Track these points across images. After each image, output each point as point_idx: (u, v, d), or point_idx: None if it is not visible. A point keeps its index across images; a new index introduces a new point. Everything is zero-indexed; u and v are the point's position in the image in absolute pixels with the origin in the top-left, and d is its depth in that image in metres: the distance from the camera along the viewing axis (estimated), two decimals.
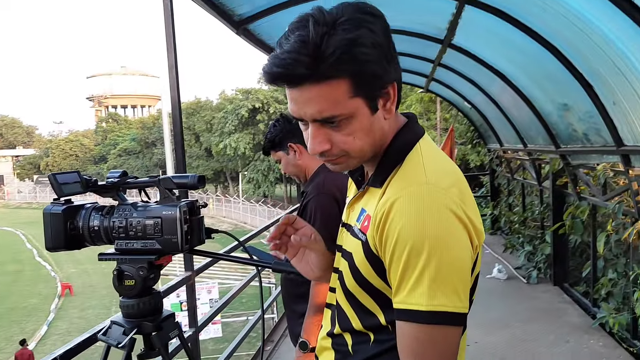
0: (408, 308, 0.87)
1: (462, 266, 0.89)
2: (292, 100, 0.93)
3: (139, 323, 1.44)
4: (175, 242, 1.38)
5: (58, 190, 1.35)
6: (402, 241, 0.87)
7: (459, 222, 0.89)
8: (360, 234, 1.00)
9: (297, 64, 0.86)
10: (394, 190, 0.93)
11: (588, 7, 2.99)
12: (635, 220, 3.98)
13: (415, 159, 0.98)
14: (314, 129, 0.95)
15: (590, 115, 4.02)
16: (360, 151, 0.97)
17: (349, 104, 0.90)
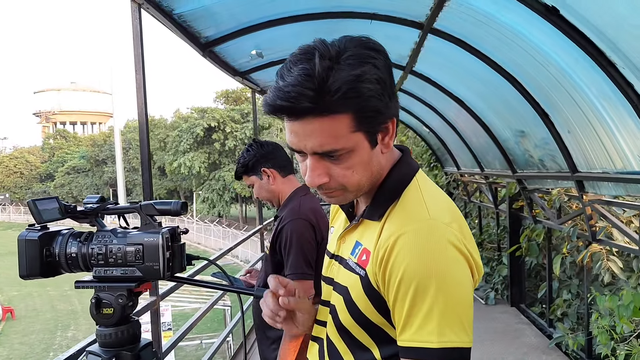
0: (418, 346, 0.86)
1: (467, 301, 0.89)
2: (292, 133, 0.92)
3: (117, 353, 1.39)
4: (157, 269, 1.35)
5: (38, 217, 1.30)
6: (407, 279, 0.87)
7: (461, 257, 0.90)
8: (358, 268, 0.99)
9: (302, 98, 0.85)
10: (397, 225, 0.93)
11: (546, 40, 3.14)
12: (589, 243, 4.16)
13: (415, 194, 0.99)
14: (314, 162, 0.93)
15: (546, 142, 4.19)
16: (358, 185, 0.96)
17: (350, 138, 0.90)
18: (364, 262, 0.98)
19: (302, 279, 1.98)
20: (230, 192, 37.77)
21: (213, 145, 38.01)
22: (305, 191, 2.24)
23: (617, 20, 2.45)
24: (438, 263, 0.87)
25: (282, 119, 0.93)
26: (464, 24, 3.60)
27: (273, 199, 2.24)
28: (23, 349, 17.30)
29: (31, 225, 1.38)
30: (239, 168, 2.27)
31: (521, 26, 3.19)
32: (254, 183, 2.25)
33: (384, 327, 0.96)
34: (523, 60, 3.60)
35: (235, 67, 4.89)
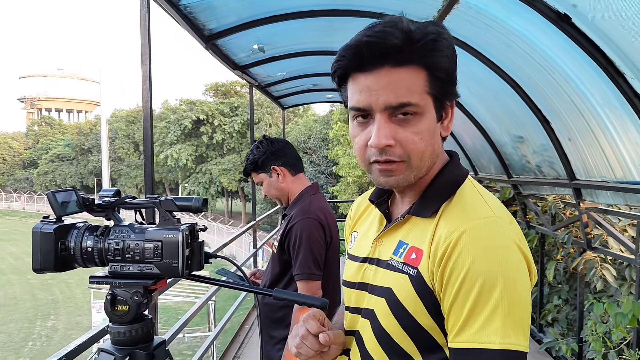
0: (478, 347, 0.81)
1: (528, 303, 0.86)
2: (363, 89, 0.91)
3: (131, 351, 1.36)
4: (175, 267, 1.31)
5: (58, 210, 1.26)
6: (473, 276, 0.83)
7: (522, 257, 0.87)
8: (406, 267, 0.94)
9: (390, 36, 0.87)
10: (458, 221, 0.89)
11: (553, 47, 3.14)
12: (583, 250, 4.19)
13: (472, 192, 0.96)
14: (382, 121, 0.90)
15: (545, 149, 4.21)
16: (421, 159, 0.92)
17: (423, 97, 0.90)
18: (414, 261, 0.93)
19: (310, 280, 1.96)
20: (217, 186, 37.58)
21: (201, 138, 37.78)
22: (314, 190, 2.21)
23: (631, 31, 2.45)
24: (504, 261, 0.84)
25: (343, 82, 0.96)
26: (471, 27, 3.59)
27: (282, 197, 2.21)
28: (1, 338, 17.04)
29: (45, 217, 1.33)
30: (248, 165, 2.23)
31: (529, 32, 3.19)
32: (263, 181, 2.22)
33: (432, 331, 0.91)
34: (528, 66, 3.60)
35: (236, 60, 4.85)
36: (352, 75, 0.93)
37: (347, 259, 1.17)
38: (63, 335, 17.14)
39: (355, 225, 1.23)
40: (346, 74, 0.95)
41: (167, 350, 1.45)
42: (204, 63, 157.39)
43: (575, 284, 4.68)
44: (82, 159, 48.33)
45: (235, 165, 36.78)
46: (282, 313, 2.12)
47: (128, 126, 44.90)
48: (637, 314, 2.87)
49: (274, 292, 1.42)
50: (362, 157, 0.96)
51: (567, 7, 2.65)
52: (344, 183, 18.89)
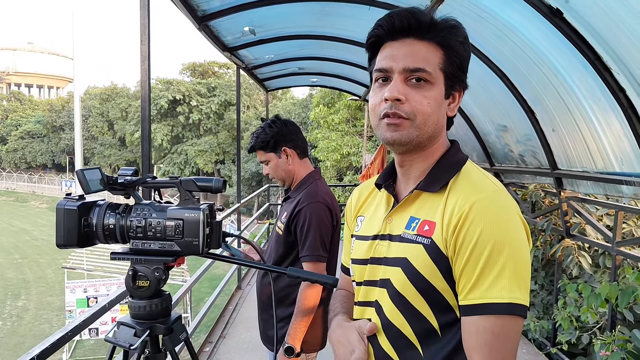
0: (489, 302, 0.94)
1: (529, 265, 0.99)
2: (389, 55, 1.07)
3: (151, 325, 1.40)
4: (196, 245, 1.36)
5: (86, 187, 1.29)
6: (483, 241, 0.95)
7: (522, 226, 1.00)
8: (420, 237, 1.05)
9: (419, 14, 1.05)
10: (467, 194, 1.01)
11: (543, 40, 3.23)
12: (561, 237, 4.35)
13: (474, 170, 1.09)
14: (398, 81, 1.05)
15: (528, 139, 4.33)
16: (425, 122, 1.05)
17: (437, 71, 1.05)
18: (427, 232, 1.04)
19: (317, 261, 2.02)
20: (192, 167, 37.24)
21: (177, 118, 37.31)
22: (318, 175, 2.26)
23: (621, 28, 2.55)
24: (510, 228, 0.96)
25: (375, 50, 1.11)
26: (462, 17, 3.60)
27: (287, 179, 2.24)
28: None
29: (68, 195, 1.36)
30: (258, 143, 2.21)
31: (521, 24, 3.27)
32: (270, 160, 2.22)
33: (445, 293, 1.02)
34: (516, 58, 3.69)
35: (226, 42, 4.83)
36: (383, 45, 1.09)
37: (356, 240, 1.26)
38: (34, 315, 16.89)
39: (360, 211, 1.32)
40: (377, 44, 1.11)
41: (183, 325, 1.50)
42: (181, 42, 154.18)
43: (551, 270, 4.85)
44: (54, 136, 47.21)
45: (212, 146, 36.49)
46: (286, 292, 2.18)
47: (102, 104, 44.02)
48: (610, 296, 3.01)
49: (288, 270, 1.49)
50: (375, 113, 1.09)
51: (559, 3, 2.74)
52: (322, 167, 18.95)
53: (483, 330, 0.94)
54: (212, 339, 4.51)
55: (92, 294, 13.22)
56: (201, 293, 14.93)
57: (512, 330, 0.94)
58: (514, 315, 0.93)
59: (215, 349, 4.36)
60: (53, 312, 16.85)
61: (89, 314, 2.11)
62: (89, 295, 13.23)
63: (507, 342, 0.94)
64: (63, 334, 1.87)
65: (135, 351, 1.36)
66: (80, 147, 27.60)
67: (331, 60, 6.48)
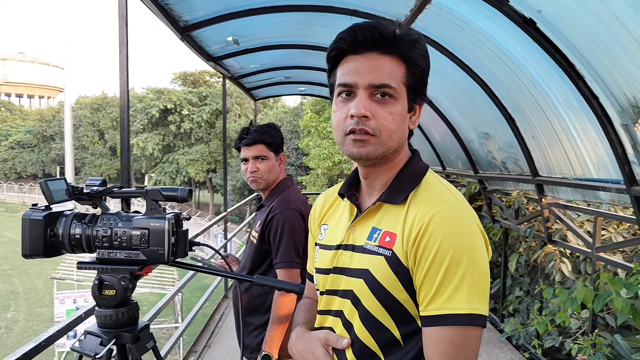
0: (448, 313, 0.96)
1: (488, 275, 1.01)
2: (352, 69, 1.07)
3: (117, 333, 1.41)
4: (161, 254, 1.37)
5: (49, 197, 1.30)
6: (442, 252, 0.97)
7: (482, 237, 1.03)
8: (381, 249, 1.07)
9: (382, 27, 1.06)
10: (428, 206, 1.03)
11: (520, 49, 3.28)
12: (544, 244, 4.38)
13: (435, 181, 1.12)
14: (363, 97, 1.06)
15: (510, 146, 4.38)
16: (390, 137, 1.07)
17: (400, 86, 1.07)
18: (388, 244, 1.06)
19: (291, 268, 2.03)
20: (183, 176, 37.14)
21: (168, 127, 37.20)
22: (291, 182, 2.29)
23: (590, 37, 2.60)
24: (468, 240, 0.98)
25: (335, 62, 1.11)
26: (442, 27, 3.71)
27: (270, 183, 2.26)
28: None
29: (34, 205, 1.37)
30: (267, 137, 2.21)
31: (497, 34, 3.32)
32: (269, 159, 2.23)
33: (406, 304, 1.04)
34: (495, 66, 3.74)
35: (210, 52, 4.86)
36: (345, 58, 1.10)
37: (320, 249, 1.27)
38: (23, 327, 16.73)
39: (323, 219, 1.33)
40: (340, 56, 1.11)
41: (150, 333, 1.51)
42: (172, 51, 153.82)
43: (536, 276, 4.89)
44: (44, 146, 46.95)
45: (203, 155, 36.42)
46: (260, 300, 2.19)
47: (93, 114, 43.85)
48: (586, 300, 3.04)
49: (254, 278, 1.50)
50: (340, 129, 1.09)
51: (532, 12, 2.79)
52: (314, 175, 18.97)
53: (443, 340, 0.97)
54: (196, 349, 4.50)
55: (82, 304, 13.11)
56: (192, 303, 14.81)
57: (471, 340, 0.97)
58: (473, 325, 0.96)
59: (200, 358, 4.35)
60: (43, 323, 16.68)
61: (63, 324, 2.11)
62: (79, 305, 13.14)
63: (466, 351, 0.97)
64: (35, 344, 1.87)
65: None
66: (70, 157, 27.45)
67: (317, 70, 6.52)
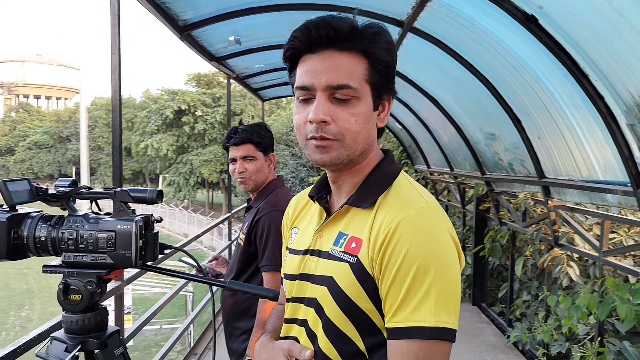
0: (413, 325, 0.89)
1: (458, 286, 0.93)
2: (308, 70, 0.99)
3: (83, 339, 1.36)
4: (128, 257, 1.32)
5: (8, 198, 1.26)
6: (409, 260, 0.90)
7: (453, 245, 0.95)
8: (347, 256, 1.00)
9: (337, 23, 0.97)
10: (395, 211, 0.96)
11: (523, 47, 3.19)
12: (551, 247, 4.27)
13: (406, 184, 1.04)
14: (322, 99, 0.98)
15: (516, 147, 4.28)
16: (354, 140, 0.99)
17: (362, 84, 0.98)
18: (354, 250, 0.99)
19: (276, 271, 1.97)
20: (197, 177, 37.32)
21: (182, 128, 37.44)
22: (280, 183, 2.23)
23: (594, 34, 2.50)
24: (438, 248, 0.91)
25: (294, 62, 1.03)
26: (444, 25, 3.63)
27: (259, 184, 2.21)
28: None
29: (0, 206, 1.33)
30: (255, 137, 2.16)
31: (499, 32, 3.24)
32: (258, 159, 2.18)
33: (371, 314, 0.97)
34: (499, 65, 3.65)
35: (212, 52, 4.83)
36: (302, 57, 1.01)
37: (289, 253, 1.21)
38: (37, 325, 16.65)
39: (295, 222, 1.27)
40: (296, 56, 1.03)
41: (120, 339, 1.46)
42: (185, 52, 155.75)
43: (544, 280, 4.77)
44: (61, 147, 47.59)
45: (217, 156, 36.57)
46: (246, 305, 2.14)
47: (108, 114, 44.23)
48: (590, 307, 2.94)
49: (227, 283, 1.44)
50: (301, 134, 1.02)
51: (533, 9, 2.70)
52: None
53: (407, 355, 0.90)
54: (197, 351, 4.46)
55: None
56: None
57: (437, 355, 0.90)
58: (440, 340, 0.89)
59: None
60: None
61: (46, 326, 2.08)
62: None
63: None
64: (14, 348, 1.83)
65: None
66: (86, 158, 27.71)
67: None
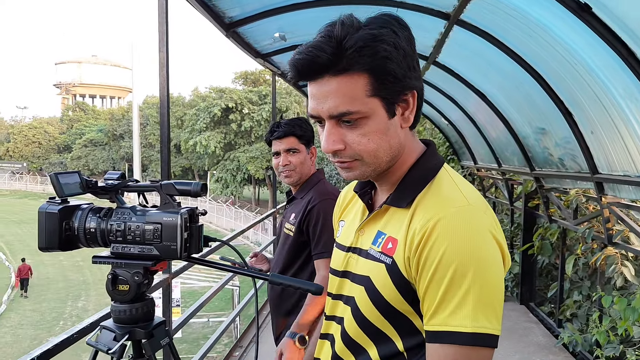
0: (450, 330, 0.85)
1: (500, 289, 0.88)
2: (311, 97, 0.95)
3: (131, 329, 1.41)
4: (174, 249, 1.35)
5: (59, 190, 1.31)
6: (446, 262, 0.86)
7: (497, 246, 0.90)
8: (383, 256, 0.98)
9: (320, 53, 0.88)
10: (433, 210, 0.91)
11: (575, 38, 3.07)
12: (604, 245, 4.11)
13: (447, 181, 0.98)
14: (330, 127, 0.94)
15: (567, 142, 4.13)
16: (375, 156, 0.95)
17: (366, 102, 0.91)
18: (390, 250, 0.97)
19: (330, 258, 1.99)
20: (243, 173, 37.90)
21: (230, 126, 38.09)
22: (323, 175, 2.25)
23: None
24: (477, 248, 0.86)
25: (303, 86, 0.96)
26: (492, 16, 3.54)
27: (303, 177, 2.22)
28: (34, 317, 17.60)
29: (52, 198, 1.38)
30: (298, 130, 2.17)
31: (550, 22, 3.13)
32: (301, 151, 2.19)
33: (410, 315, 0.95)
34: (550, 57, 3.53)
35: (257, 49, 4.88)
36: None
37: (335, 247, 1.20)
38: None
39: (342, 214, 1.26)
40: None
41: (167, 330, 1.50)
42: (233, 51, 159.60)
43: (597, 280, 4.60)
44: (114, 144, 49.29)
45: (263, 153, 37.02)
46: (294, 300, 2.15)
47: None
48: None
49: (270, 276, 1.45)
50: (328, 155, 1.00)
51: None
52: None
53: (444, 359, 0.86)
54: (242, 344, 4.54)
55: None
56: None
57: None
58: (479, 346, 0.84)
59: (245, 353, 4.38)
60: None
61: (97, 316, 2.16)
62: None
63: None
64: (67, 336, 1.92)
65: (113, 355, 1.36)
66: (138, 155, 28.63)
67: None
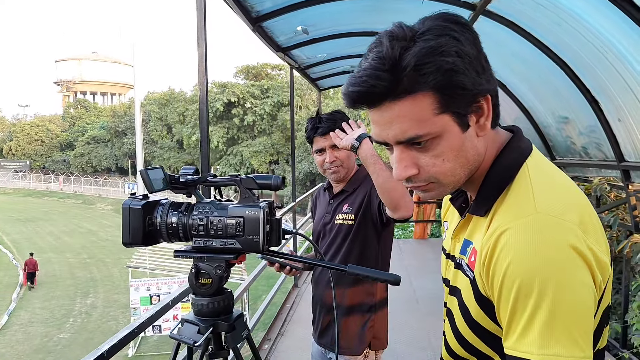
0: (518, 356, 0.76)
1: (582, 309, 0.75)
2: (374, 123, 0.87)
3: (214, 322, 1.43)
4: (256, 242, 1.37)
5: (149, 186, 1.33)
6: (509, 279, 0.77)
7: (577, 256, 0.76)
8: (469, 270, 0.91)
9: (375, 81, 0.79)
10: (501, 221, 0.83)
11: (608, 25, 3.09)
12: (630, 233, 4.13)
13: (523, 183, 0.86)
14: (399, 152, 0.86)
15: (592, 130, 4.15)
16: (452, 175, 0.87)
17: (435, 122, 0.82)
18: (472, 264, 0.89)
19: None
20: (247, 168, 37.96)
21: (232, 121, 38.13)
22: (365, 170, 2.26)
23: None
24: (545, 264, 0.75)
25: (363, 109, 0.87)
26: (520, 6, 3.55)
27: (349, 172, 2.23)
28: (44, 314, 17.67)
29: (133, 194, 1.40)
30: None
31: (583, 10, 3.14)
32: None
33: (499, 334, 0.85)
34: (578, 45, 3.54)
35: (279, 42, 4.89)
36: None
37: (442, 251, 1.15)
38: (102, 312, 17.70)
39: (446, 214, 1.17)
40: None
41: (245, 322, 1.52)
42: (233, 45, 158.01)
43: (618, 267, 4.62)
44: (117, 141, 49.31)
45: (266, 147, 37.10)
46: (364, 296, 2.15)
47: (161, 109, 45.53)
48: None
49: (347, 267, 1.47)
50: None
51: None
52: None
53: None
54: (270, 337, 4.58)
55: (155, 292, 13.71)
56: (258, 291, 15.18)
57: None
58: None
59: (274, 346, 4.42)
60: (119, 309, 17.58)
61: (153, 311, 2.19)
62: (152, 293, 13.74)
63: None
64: (129, 330, 1.94)
65: (199, 348, 1.38)
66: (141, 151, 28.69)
67: None
